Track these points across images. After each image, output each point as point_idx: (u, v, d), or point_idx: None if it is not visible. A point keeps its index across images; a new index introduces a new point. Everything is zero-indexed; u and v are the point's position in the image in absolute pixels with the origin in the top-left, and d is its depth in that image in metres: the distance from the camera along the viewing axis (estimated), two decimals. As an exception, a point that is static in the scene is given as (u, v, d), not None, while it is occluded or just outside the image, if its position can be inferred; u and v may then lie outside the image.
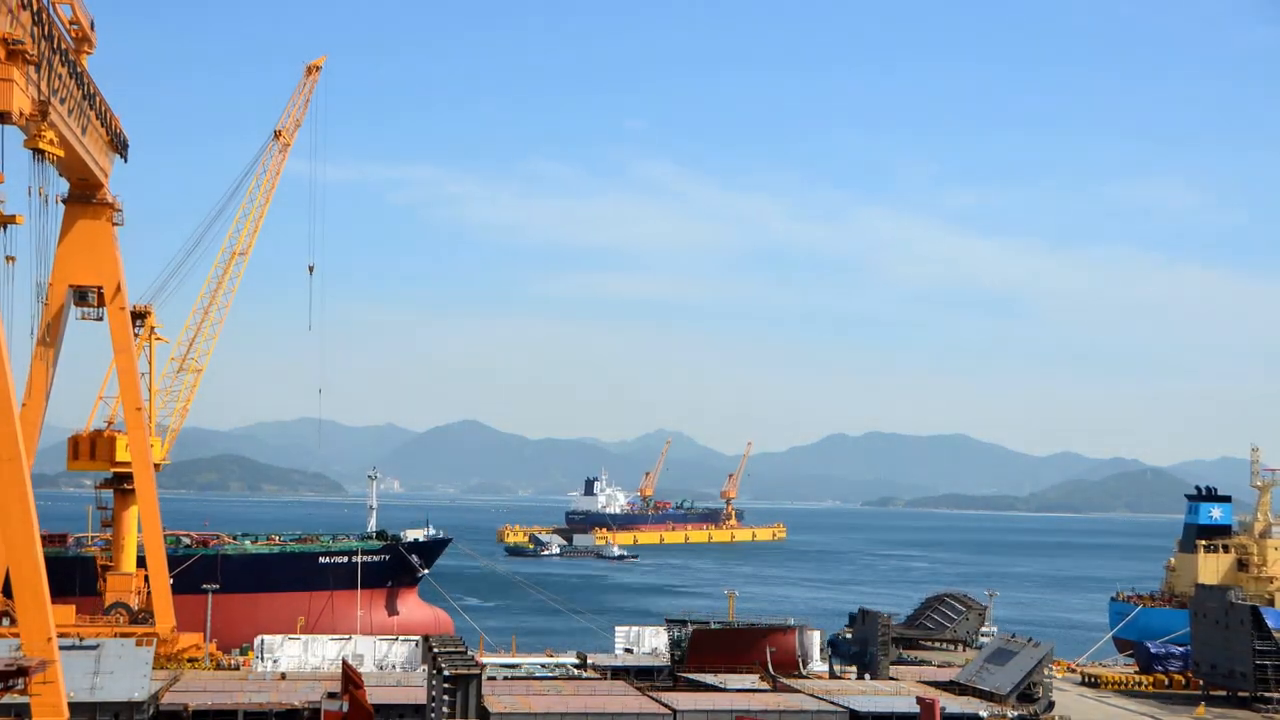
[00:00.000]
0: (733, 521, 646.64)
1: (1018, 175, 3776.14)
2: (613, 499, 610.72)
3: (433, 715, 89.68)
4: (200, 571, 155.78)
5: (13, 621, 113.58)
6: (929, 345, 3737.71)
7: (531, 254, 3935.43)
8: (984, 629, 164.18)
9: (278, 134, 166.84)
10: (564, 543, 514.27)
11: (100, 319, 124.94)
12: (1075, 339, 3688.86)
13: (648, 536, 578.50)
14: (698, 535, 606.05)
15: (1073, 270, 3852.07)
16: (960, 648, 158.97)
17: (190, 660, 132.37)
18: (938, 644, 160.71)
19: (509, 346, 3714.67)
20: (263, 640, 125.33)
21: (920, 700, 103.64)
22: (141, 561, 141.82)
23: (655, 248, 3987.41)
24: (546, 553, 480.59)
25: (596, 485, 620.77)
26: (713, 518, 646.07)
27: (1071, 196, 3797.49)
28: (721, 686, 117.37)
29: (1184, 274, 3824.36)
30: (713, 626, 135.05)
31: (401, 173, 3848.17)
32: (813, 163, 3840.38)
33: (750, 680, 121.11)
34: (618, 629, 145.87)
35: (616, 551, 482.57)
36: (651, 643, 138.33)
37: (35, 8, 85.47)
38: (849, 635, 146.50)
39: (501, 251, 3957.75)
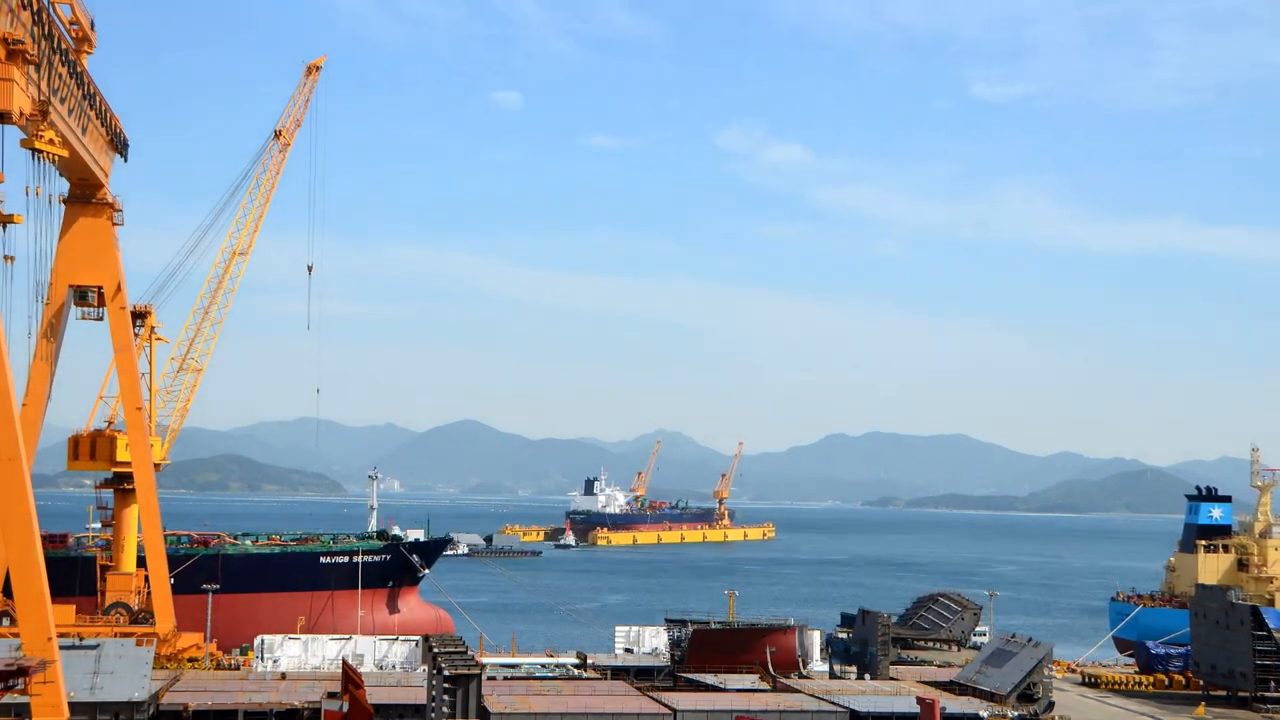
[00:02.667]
0: (725, 521, 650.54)
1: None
2: (612, 499, 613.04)
3: (433, 715, 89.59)
4: (200, 571, 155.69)
5: (13, 621, 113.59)
6: (931, 345, 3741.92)
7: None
8: (978, 629, 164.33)
9: (278, 134, 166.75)
10: (480, 543, 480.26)
11: (100, 319, 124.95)
12: (1075, 337, 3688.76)
13: (646, 536, 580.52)
14: (693, 535, 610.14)
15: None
16: (955, 647, 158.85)
17: (190, 660, 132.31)
18: (933, 644, 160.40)
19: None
20: (263, 640, 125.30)
21: (920, 700, 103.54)
22: (141, 561, 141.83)
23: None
24: (451, 552, 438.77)
25: (596, 485, 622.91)
26: (706, 517, 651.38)
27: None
28: (721, 686, 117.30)
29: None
30: (713, 626, 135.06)
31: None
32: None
33: (750, 680, 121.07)
34: (618, 629, 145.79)
35: None
36: (651, 643, 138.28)
37: (35, 8, 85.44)
38: (842, 635, 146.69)
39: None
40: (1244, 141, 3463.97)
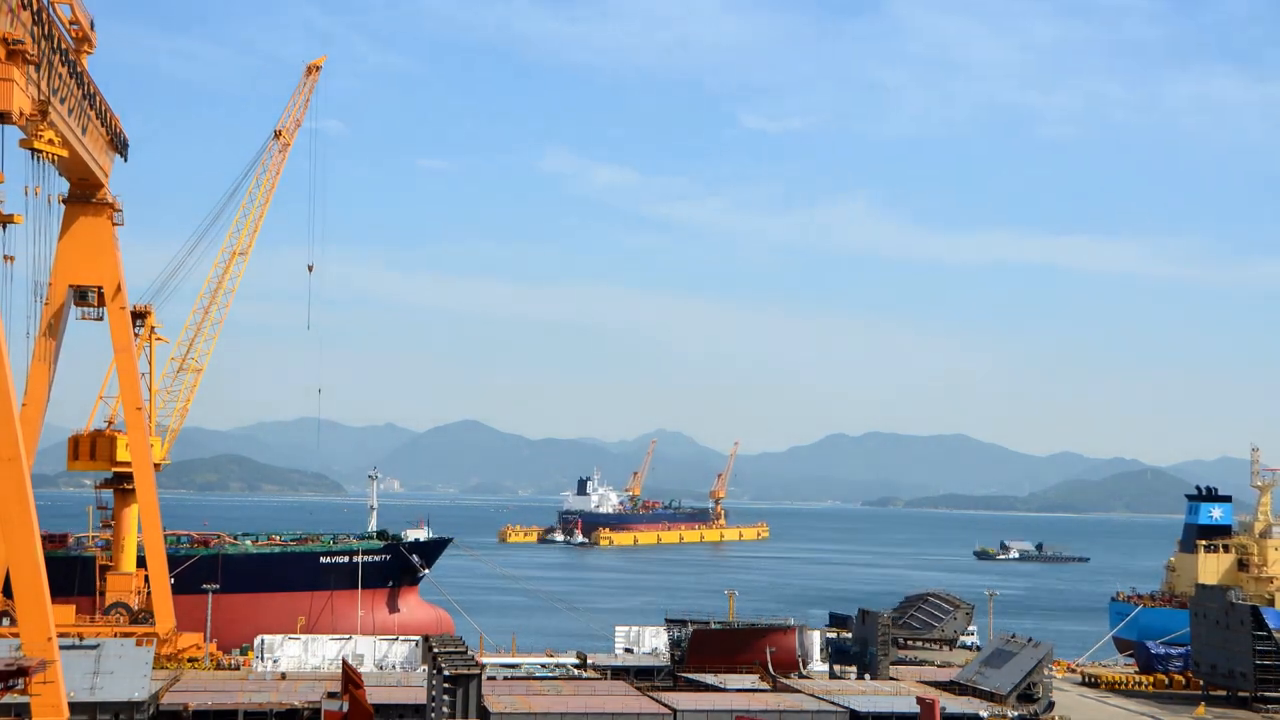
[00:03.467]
0: (720, 521, 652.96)
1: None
2: (605, 499, 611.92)
3: (433, 715, 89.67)
4: (200, 571, 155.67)
5: (13, 621, 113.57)
6: (931, 343, 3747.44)
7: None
8: (968, 628, 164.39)
9: (278, 134, 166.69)
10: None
11: (100, 319, 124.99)
12: (1077, 335, 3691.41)
13: (646, 536, 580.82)
14: (690, 535, 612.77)
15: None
16: (945, 647, 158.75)
17: (190, 660, 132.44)
18: (924, 643, 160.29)
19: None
20: (263, 640, 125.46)
21: (920, 700, 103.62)
22: (141, 561, 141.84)
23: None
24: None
25: (589, 485, 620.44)
26: (701, 517, 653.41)
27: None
28: (721, 686, 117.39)
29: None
30: (713, 626, 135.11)
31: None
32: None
33: (750, 680, 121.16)
34: (618, 629, 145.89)
35: None
36: (651, 643, 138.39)
37: (35, 7, 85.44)
38: (831, 634, 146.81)
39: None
40: (1020, 164, 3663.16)
